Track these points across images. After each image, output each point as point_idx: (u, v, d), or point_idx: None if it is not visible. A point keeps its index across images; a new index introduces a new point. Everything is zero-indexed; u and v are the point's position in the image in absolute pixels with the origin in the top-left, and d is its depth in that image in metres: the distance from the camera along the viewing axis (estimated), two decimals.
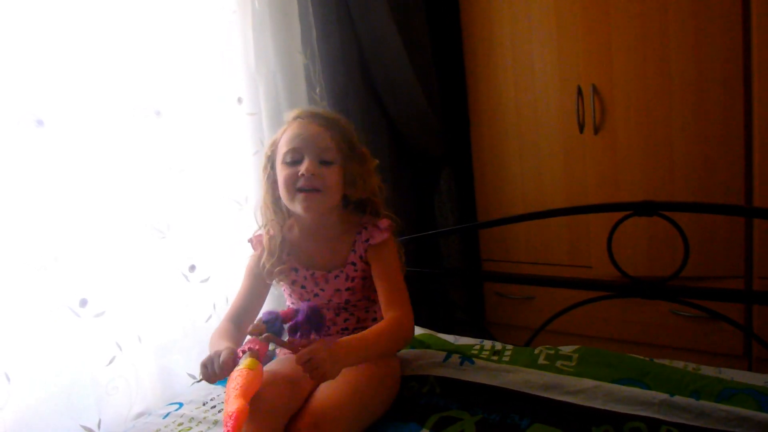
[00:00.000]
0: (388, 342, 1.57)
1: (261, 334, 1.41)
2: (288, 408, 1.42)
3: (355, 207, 1.78)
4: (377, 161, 1.78)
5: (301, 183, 1.60)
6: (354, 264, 1.71)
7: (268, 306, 1.82)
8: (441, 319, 2.93)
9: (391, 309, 1.63)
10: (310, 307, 1.45)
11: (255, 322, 1.45)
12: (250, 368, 1.31)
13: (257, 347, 1.38)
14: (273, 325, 1.44)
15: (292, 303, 1.80)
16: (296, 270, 1.74)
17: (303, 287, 1.74)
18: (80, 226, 1.71)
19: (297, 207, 1.64)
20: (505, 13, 2.82)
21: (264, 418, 1.34)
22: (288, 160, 1.62)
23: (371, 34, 2.60)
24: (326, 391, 1.48)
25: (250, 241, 1.85)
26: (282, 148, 1.64)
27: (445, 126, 2.99)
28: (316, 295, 1.72)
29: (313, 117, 1.65)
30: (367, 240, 1.70)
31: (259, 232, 1.81)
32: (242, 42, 2.21)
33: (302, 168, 1.58)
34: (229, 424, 1.17)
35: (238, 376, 1.28)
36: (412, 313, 1.65)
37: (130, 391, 1.84)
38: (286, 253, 1.74)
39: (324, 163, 1.61)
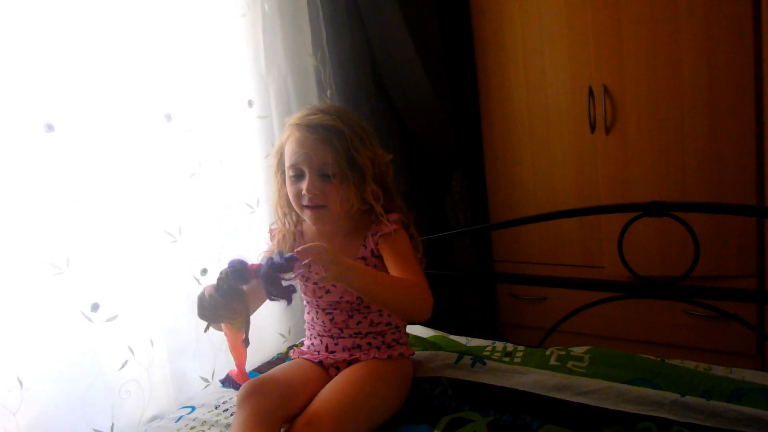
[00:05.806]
0: (400, 291, 1.51)
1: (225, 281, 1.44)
2: (281, 411, 1.46)
3: (364, 211, 1.73)
4: (391, 157, 1.73)
5: (305, 201, 1.61)
6: (365, 258, 1.68)
7: None
8: (453, 320, 2.93)
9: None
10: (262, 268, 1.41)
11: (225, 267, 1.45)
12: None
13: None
14: (236, 275, 1.43)
15: (308, 302, 1.79)
16: (309, 265, 1.73)
17: (315, 282, 1.72)
18: (91, 231, 1.71)
19: (306, 220, 1.69)
20: (516, 15, 2.82)
21: (255, 422, 1.39)
22: (292, 174, 1.62)
23: (382, 35, 2.60)
24: (329, 392, 1.51)
25: (271, 231, 1.86)
26: (286, 160, 1.64)
27: (457, 127, 2.99)
28: (327, 291, 1.71)
29: (313, 129, 1.59)
30: (377, 233, 1.67)
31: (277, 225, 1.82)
32: (252, 45, 2.22)
33: (303, 187, 1.58)
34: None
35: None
36: (430, 291, 1.56)
37: (142, 395, 1.85)
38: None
39: (325, 176, 1.59)
